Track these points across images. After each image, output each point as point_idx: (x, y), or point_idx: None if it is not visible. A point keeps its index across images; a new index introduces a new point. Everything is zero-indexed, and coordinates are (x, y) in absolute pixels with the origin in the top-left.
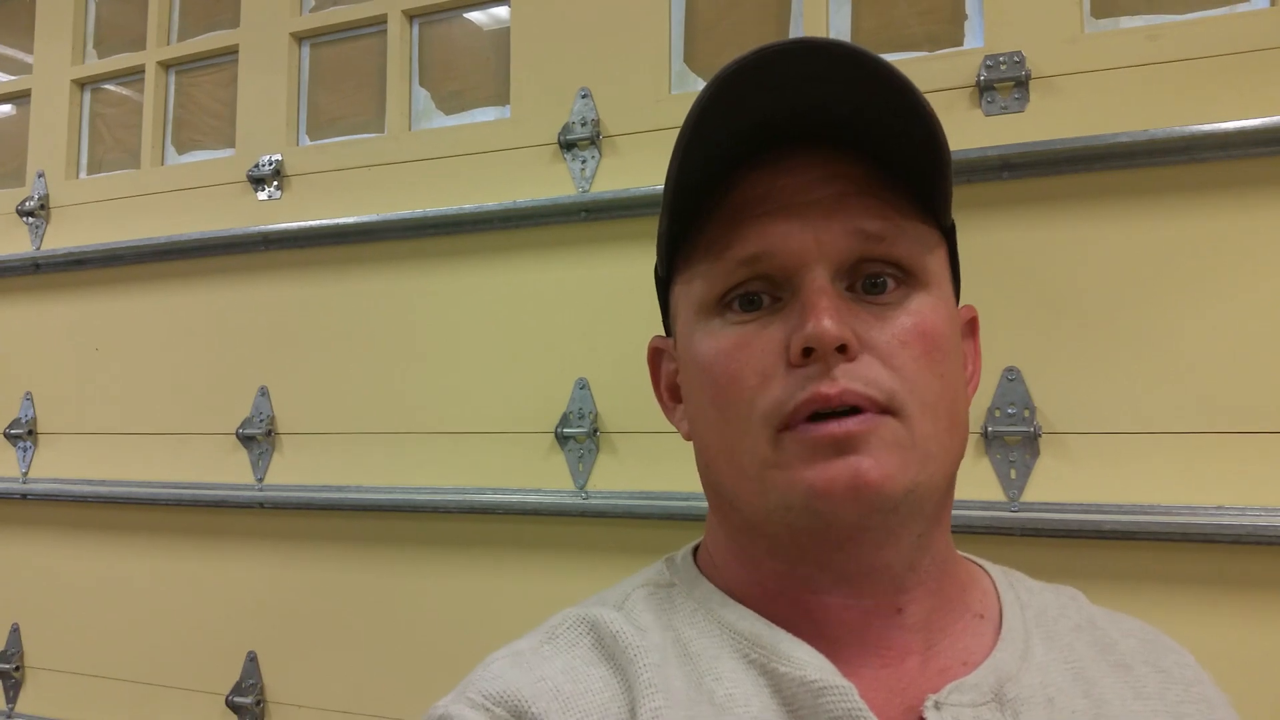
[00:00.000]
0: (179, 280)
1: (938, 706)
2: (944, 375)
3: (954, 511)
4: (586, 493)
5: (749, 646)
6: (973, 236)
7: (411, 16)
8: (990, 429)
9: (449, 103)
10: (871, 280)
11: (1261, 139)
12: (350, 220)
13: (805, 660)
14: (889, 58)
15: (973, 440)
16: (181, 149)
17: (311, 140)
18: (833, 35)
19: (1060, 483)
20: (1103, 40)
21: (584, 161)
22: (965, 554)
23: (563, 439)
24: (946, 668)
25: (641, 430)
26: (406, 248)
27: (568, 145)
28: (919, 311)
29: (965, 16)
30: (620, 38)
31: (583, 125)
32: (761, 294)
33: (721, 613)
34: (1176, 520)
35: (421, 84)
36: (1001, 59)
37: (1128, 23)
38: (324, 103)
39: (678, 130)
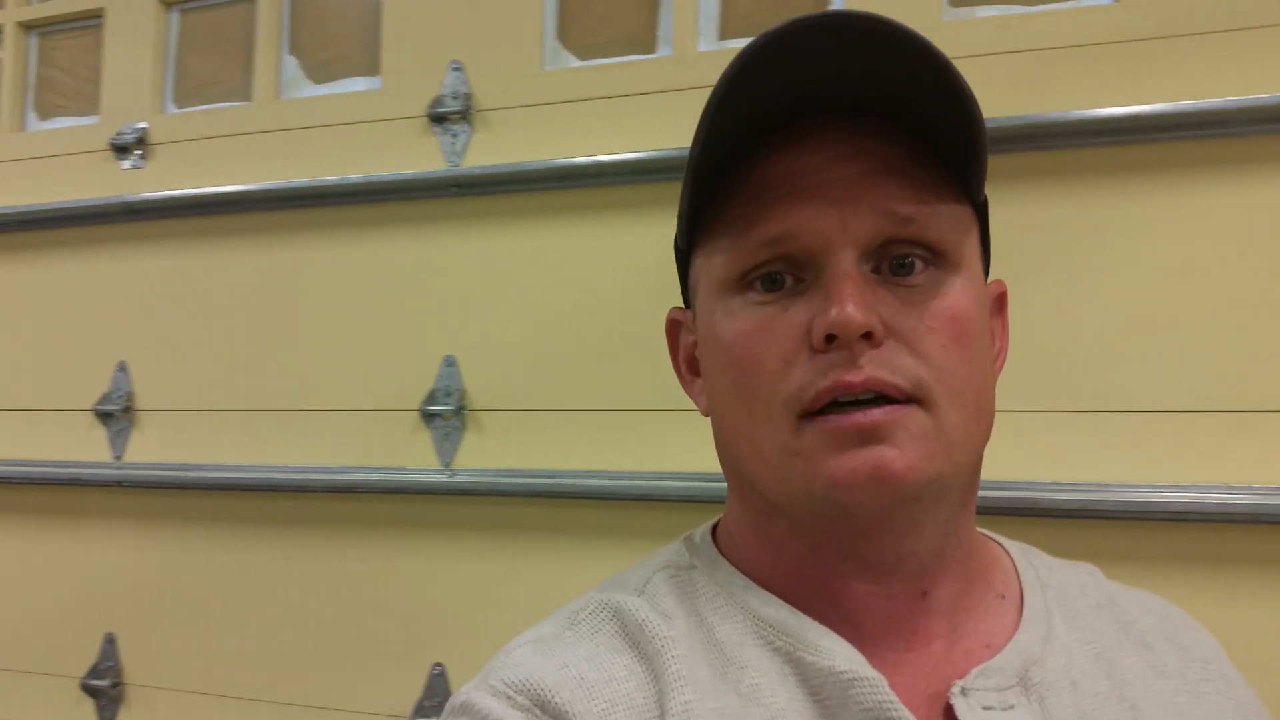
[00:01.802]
0: (36, 251)
1: (964, 692)
2: (972, 361)
3: None
4: (452, 471)
5: (774, 634)
6: None
7: None
8: None
9: (319, 72)
10: (899, 261)
11: (1104, 129)
12: (215, 190)
13: (833, 649)
14: None
15: None
16: (44, 114)
17: (178, 108)
18: (700, 24)
19: None
20: (959, 28)
21: (455, 135)
22: (984, 530)
23: (428, 417)
24: (971, 650)
25: (509, 409)
26: (272, 219)
27: (438, 118)
28: (948, 295)
29: (830, 4)
30: (493, 11)
31: (454, 98)
32: (784, 274)
33: (745, 598)
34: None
35: (291, 52)
36: None
37: (983, 11)
38: (192, 69)
39: (552, 106)
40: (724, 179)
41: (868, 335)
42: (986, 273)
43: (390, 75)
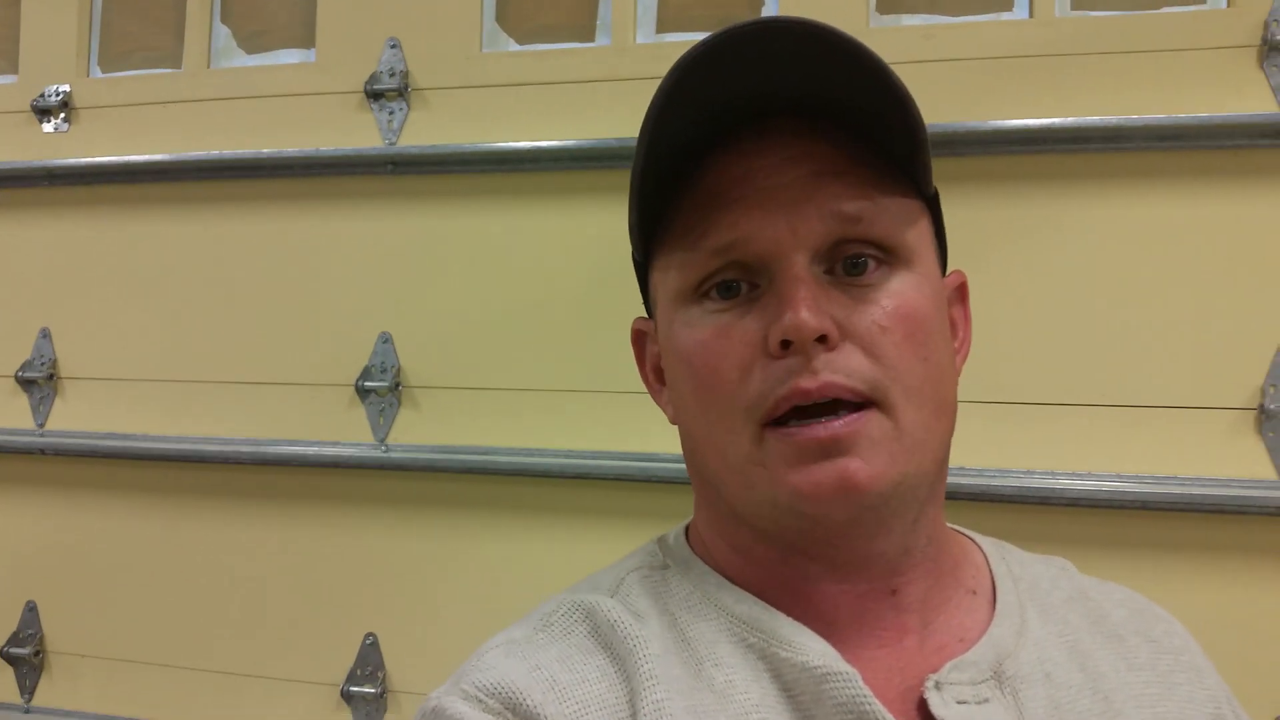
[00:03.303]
0: None
1: (938, 686)
2: (928, 358)
3: None
4: (387, 446)
5: (747, 630)
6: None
7: None
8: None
9: (251, 42)
10: (851, 261)
11: (1017, 138)
12: (142, 158)
13: (806, 645)
14: (692, 36)
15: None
16: None
17: (104, 73)
18: (639, 14)
19: None
20: (884, 35)
21: (391, 113)
22: (955, 526)
23: (363, 392)
24: (944, 645)
25: (444, 386)
26: (204, 190)
27: (375, 95)
28: (900, 293)
29: (763, 2)
30: None
31: (391, 76)
32: (738, 281)
33: (718, 595)
34: None
35: (223, 20)
36: None
37: (908, 20)
38: (119, 33)
39: (490, 89)
40: (671, 190)
41: (822, 339)
42: (944, 264)
43: (326, 49)
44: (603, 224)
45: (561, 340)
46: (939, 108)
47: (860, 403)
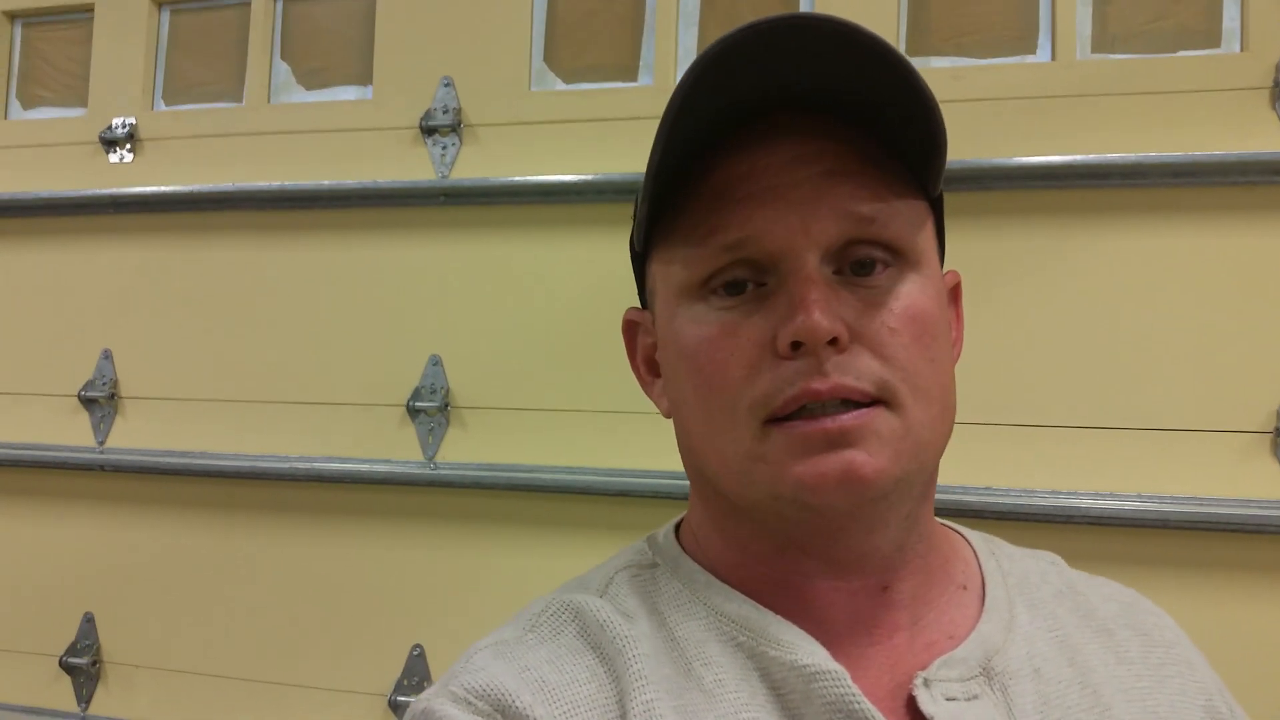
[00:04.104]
0: (25, 238)
1: (927, 684)
2: (934, 359)
3: None
4: (435, 464)
5: (736, 630)
6: None
7: None
8: None
9: (310, 79)
10: (860, 261)
11: (1041, 174)
12: (203, 188)
13: (796, 644)
14: None
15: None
16: (27, 104)
17: (167, 106)
18: (680, 56)
19: None
20: None
21: (445, 148)
22: (945, 522)
23: (414, 412)
24: (933, 642)
25: (491, 406)
26: (262, 219)
27: (429, 130)
28: (909, 294)
29: None
30: (484, 31)
31: (444, 112)
32: (746, 278)
33: (708, 594)
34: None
35: (283, 58)
36: None
37: (937, 62)
38: (182, 69)
39: (537, 125)
40: (682, 183)
41: (833, 341)
42: (942, 264)
43: (382, 86)
44: None
45: (603, 363)
46: (967, 145)
47: (868, 403)
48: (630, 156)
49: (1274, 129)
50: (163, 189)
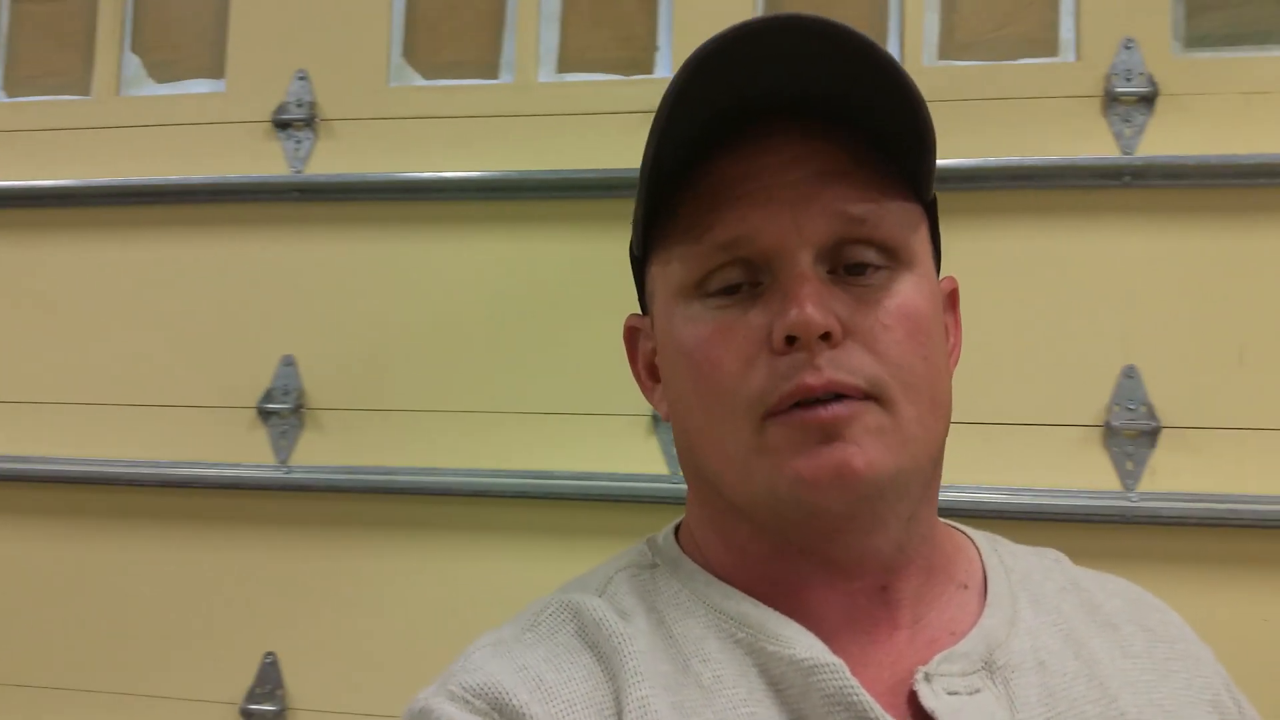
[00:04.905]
0: None
1: (928, 678)
2: (927, 357)
3: None
4: (289, 467)
5: (735, 626)
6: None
7: None
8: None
9: (161, 71)
10: (853, 261)
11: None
12: (49, 184)
13: (794, 638)
14: (590, 78)
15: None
16: None
17: (9, 97)
18: (541, 55)
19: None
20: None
21: (299, 142)
22: (948, 521)
23: (265, 414)
24: (935, 639)
25: (348, 407)
26: (108, 215)
27: (282, 124)
28: (902, 293)
29: (657, 47)
30: (341, 25)
31: (299, 106)
32: (741, 277)
33: (706, 592)
34: None
35: (133, 50)
36: None
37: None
38: (26, 59)
39: (396, 120)
40: (676, 184)
41: (826, 336)
42: (938, 269)
43: (235, 79)
44: (503, 252)
45: (463, 362)
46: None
47: (860, 398)
48: (489, 154)
49: (1106, 135)
50: (4, 184)
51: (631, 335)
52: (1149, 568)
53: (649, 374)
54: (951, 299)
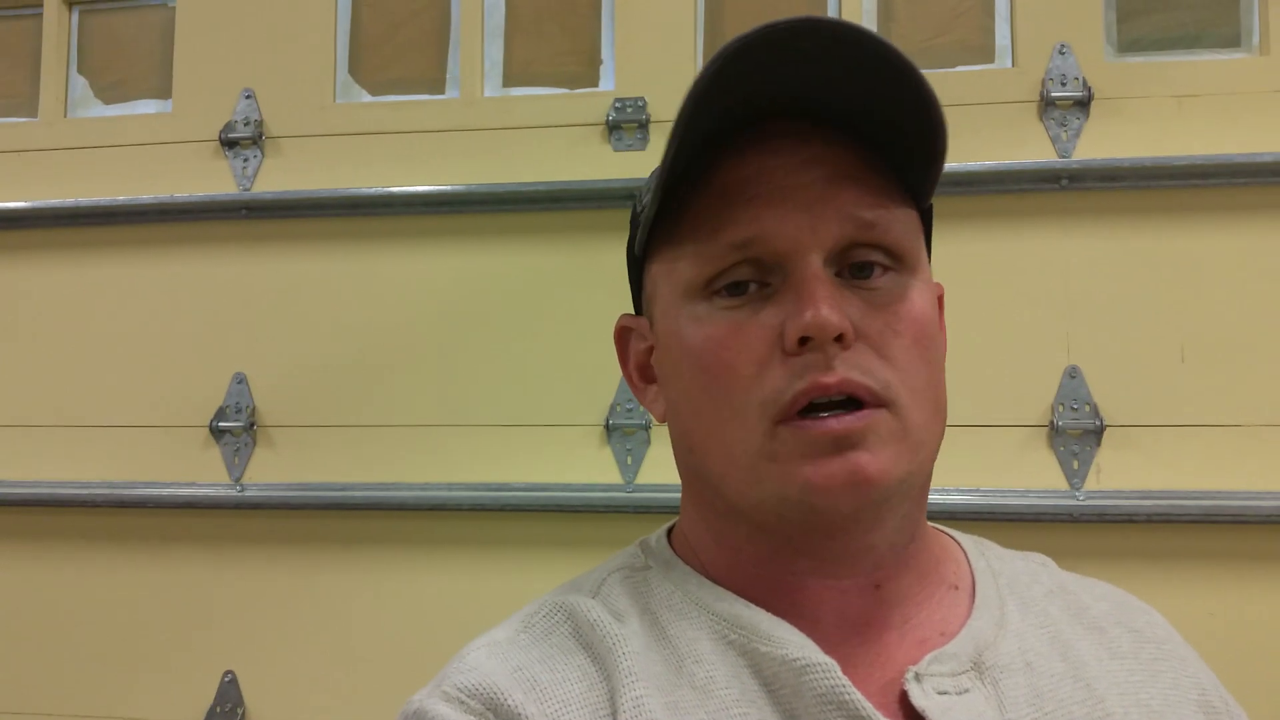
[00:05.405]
0: None
1: (918, 678)
2: (931, 362)
3: None
4: (242, 485)
5: (727, 627)
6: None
7: (71, 4)
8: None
9: (108, 92)
10: (860, 264)
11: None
12: None
13: (785, 639)
14: (535, 92)
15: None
16: None
17: None
18: (486, 69)
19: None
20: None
21: (246, 160)
22: (935, 525)
23: (218, 433)
24: (925, 639)
25: (301, 424)
26: (57, 236)
27: (230, 143)
28: (908, 298)
29: (601, 61)
30: (287, 43)
31: (245, 124)
32: (749, 279)
33: (699, 594)
34: None
35: (80, 71)
36: (628, 103)
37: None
38: None
39: (343, 137)
40: (688, 183)
41: (839, 337)
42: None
43: (181, 99)
44: (452, 265)
45: (415, 377)
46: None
47: (872, 402)
48: (437, 168)
49: (1043, 139)
50: None
51: (623, 335)
52: (1096, 565)
53: (641, 375)
54: (939, 303)
